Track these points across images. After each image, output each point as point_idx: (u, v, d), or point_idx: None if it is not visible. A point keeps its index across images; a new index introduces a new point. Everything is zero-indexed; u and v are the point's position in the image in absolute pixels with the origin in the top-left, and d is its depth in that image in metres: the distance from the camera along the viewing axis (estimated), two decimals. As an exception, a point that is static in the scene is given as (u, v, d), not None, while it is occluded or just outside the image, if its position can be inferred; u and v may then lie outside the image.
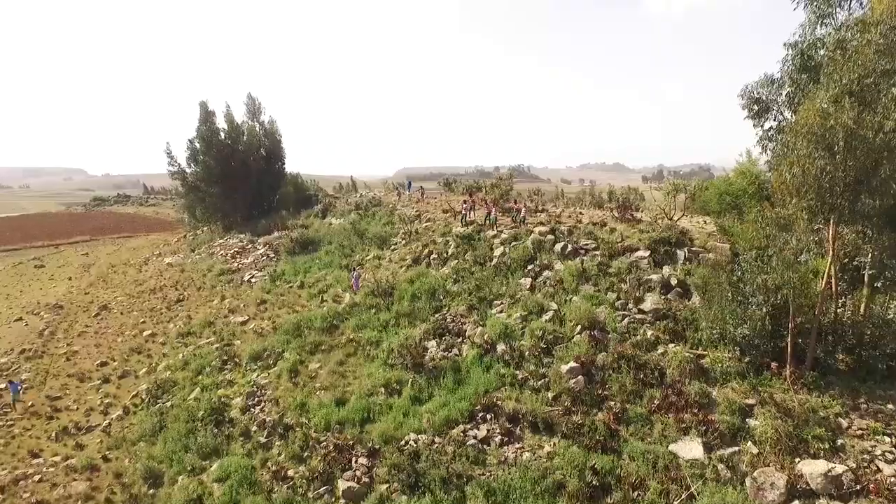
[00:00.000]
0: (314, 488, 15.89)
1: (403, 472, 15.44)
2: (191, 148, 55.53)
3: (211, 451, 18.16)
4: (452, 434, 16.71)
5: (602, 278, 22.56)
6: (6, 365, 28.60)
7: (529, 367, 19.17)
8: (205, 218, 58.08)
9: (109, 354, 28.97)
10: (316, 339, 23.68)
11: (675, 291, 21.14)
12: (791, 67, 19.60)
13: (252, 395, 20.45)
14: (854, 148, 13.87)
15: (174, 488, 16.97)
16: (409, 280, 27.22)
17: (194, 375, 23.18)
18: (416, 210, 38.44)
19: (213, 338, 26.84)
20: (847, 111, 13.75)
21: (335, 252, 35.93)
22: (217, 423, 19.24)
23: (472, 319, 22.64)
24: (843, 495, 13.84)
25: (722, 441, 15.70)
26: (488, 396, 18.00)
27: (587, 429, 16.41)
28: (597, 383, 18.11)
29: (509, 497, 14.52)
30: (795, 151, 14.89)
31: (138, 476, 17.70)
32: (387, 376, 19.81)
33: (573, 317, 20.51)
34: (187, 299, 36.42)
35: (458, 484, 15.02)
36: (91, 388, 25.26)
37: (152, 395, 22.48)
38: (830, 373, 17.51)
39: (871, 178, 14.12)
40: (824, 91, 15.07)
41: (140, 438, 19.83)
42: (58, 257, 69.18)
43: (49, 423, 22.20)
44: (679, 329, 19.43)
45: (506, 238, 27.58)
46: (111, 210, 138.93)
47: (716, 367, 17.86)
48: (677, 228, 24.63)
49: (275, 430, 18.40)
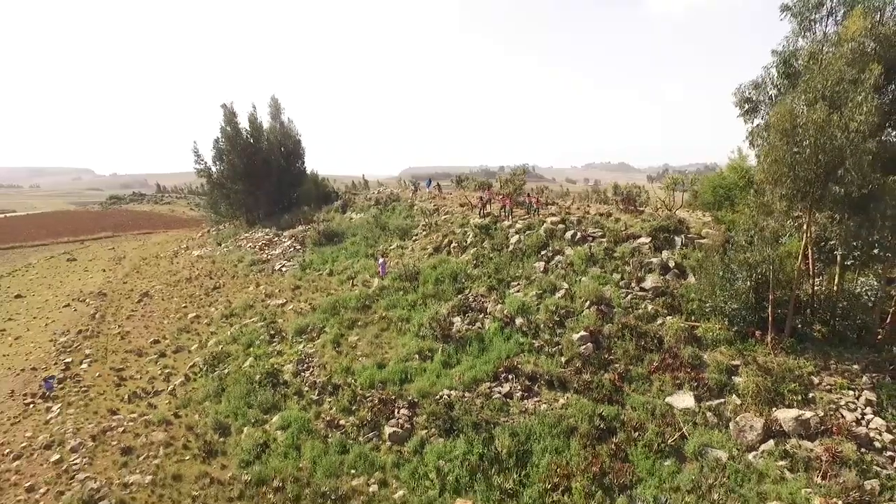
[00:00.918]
0: (364, 433, 18.78)
1: (440, 420, 18.29)
2: (216, 147, 58.67)
3: (270, 406, 21.07)
4: (480, 390, 19.55)
5: (608, 261, 25.35)
6: (68, 343, 31.60)
7: (545, 336, 21.97)
8: (229, 213, 61.18)
9: (159, 334, 31.94)
10: (352, 317, 26.56)
11: (673, 272, 23.89)
12: (774, 72, 22.22)
13: (301, 362, 23.36)
14: (823, 144, 16.58)
15: (241, 436, 19.87)
16: (432, 266, 30.04)
17: (245, 348, 26.10)
18: (434, 204, 41.31)
19: (257, 318, 29.78)
20: (818, 112, 16.48)
21: (360, 243, 38.84)
22: (273, 385, 22.15)
23: (492, 298, 25.45)
24: (811, 435, 16.61)
25: (710, 394, 18.49)
26: (509, 361, 20.81)
27: (595, 385, 19.22)
28: (603, 349, 20.90)
29: (530, 438, 17.33)
30: (772, 146, 17.61)
31: (209, 427, 20.59)
32: (419, 345, 22.66)
33: (582, 294, 23.30)
34: (223, 287, 39.39)
35: (487, 428, 17.85)
36: (149, 361, 28.19)
37: (209, 364, 25.37)
38: (807, 340, 20.26)
39: (837, 170, 16.82)
40: (801, 94, 17.80)
41: (204, 399, 22.73)
42: (86, 252, 72.19)
43: (118, 389, 25.14)
44: (675, 304, 22.20)
45: (520, 227, 30.40)
46: (127, 208, 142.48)
47: (707, 335, 20.66)
48: (676, 218, 27.37)
49: (324, 389, 21.30)
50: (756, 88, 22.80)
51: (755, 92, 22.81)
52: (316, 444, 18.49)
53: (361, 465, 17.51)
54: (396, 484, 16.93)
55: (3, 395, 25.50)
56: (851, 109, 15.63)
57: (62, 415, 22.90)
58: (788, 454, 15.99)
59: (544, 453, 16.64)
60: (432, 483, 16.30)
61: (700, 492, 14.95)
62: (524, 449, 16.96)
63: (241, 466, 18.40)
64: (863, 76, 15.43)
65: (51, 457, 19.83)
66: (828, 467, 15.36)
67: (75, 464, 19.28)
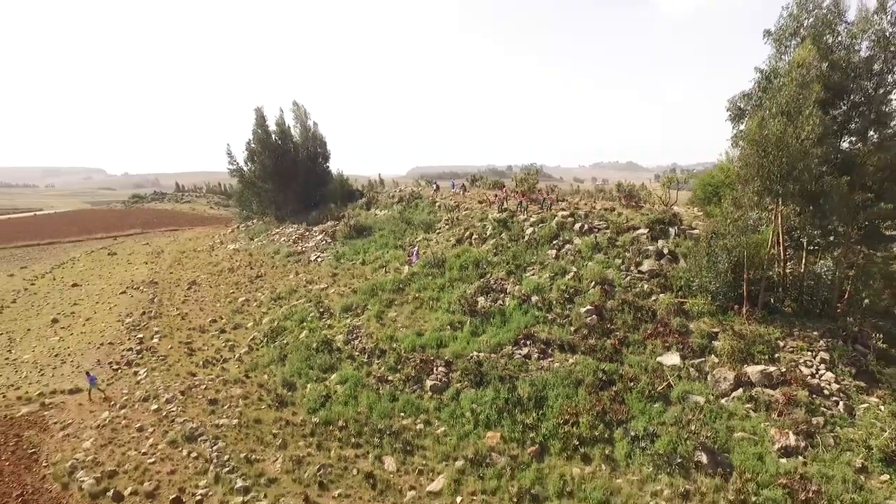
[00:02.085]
0: (409, 386, 22.98)
1: (471, 374, 22.45)
2: (248, 148, 63.24)
3: (328, 367, 25.32)
4: (503, 352, 23.69)
5: (611, 249, 29.40)
6: (135, 323, 36.06)
7: (556, 310, 26.06)
8: (260, 210, 65.71)
9: (215, 314, 36.30)
10: (389, 297, 30.78)
11: (666, 258, 27.90)
12: (757, 87, 25.97)
13: (350, 333, 27.58)
14: (782, 150, 20.53)
15: (306, 390, 24.11)
16: (456, 255, 34.16)
17: (298, 323, 30.37)
18: (454, 201, 45.47)
19: (303, 299, 34.07)
20: (777, 125, 20.44)
21: (388, 236, 43.07)
22: (328, 351, 26.38)
23: (511, 281, 29.55)
24: (773, 384, 20.61)
25: (693, 354, 22.52)
26: (527, 330, 24.90)
27: (599, 348, 23.29)
28: (606, 320, 24.95)
29: (546, 387, 21.44)
30: (744, 152, 21.58)
31: (278, 384, 24.85)
32: (450, 319, 26.82)
33: (588, 276, 27.36)
34: (265, 276, 43.75)
35: (510, 380, 21.98)
36: (211, 336, 32.52)
37: (268, 336, 29.66)
38: (778, 313, 24.24)
39: (794, 170, 20.74)
40: (767, 110, 21.75)
41: (269, 363, 26.99)
42: (122, 247, 76.85)
43: (191, 358, 29.46)
44: (667, 283, 26.23)
45: (534, 221, 34.48)
46: (150, 207, 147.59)
47: (693, 308, 24.69)
48: (671, 212, 31.34)
49: (373, 353, 25.52)
50: (746, 99, 26.57)
51: (745, 101, 26.55)
52: (370, 394, 22.72)
53: (409, 409, 21.72)
54: (438, 423, 21.12)
55: (92, 363, 29.90)
56: (801, 122, 19.54)
57: (150, 377, 27.28)
58: (753, 398, 20.01)
59: (557, 398, 20.76)
60: (468, 420, 20.47)
61: (681, 425, 18.96)
62: (541, 395, 21.09)
63: (310, 412, 22.66)
64: (809, 95, 19.33)
65: (150, 407, 24.19)
66: (784, 408, 19.36)
67: (172, 411, 23.64)
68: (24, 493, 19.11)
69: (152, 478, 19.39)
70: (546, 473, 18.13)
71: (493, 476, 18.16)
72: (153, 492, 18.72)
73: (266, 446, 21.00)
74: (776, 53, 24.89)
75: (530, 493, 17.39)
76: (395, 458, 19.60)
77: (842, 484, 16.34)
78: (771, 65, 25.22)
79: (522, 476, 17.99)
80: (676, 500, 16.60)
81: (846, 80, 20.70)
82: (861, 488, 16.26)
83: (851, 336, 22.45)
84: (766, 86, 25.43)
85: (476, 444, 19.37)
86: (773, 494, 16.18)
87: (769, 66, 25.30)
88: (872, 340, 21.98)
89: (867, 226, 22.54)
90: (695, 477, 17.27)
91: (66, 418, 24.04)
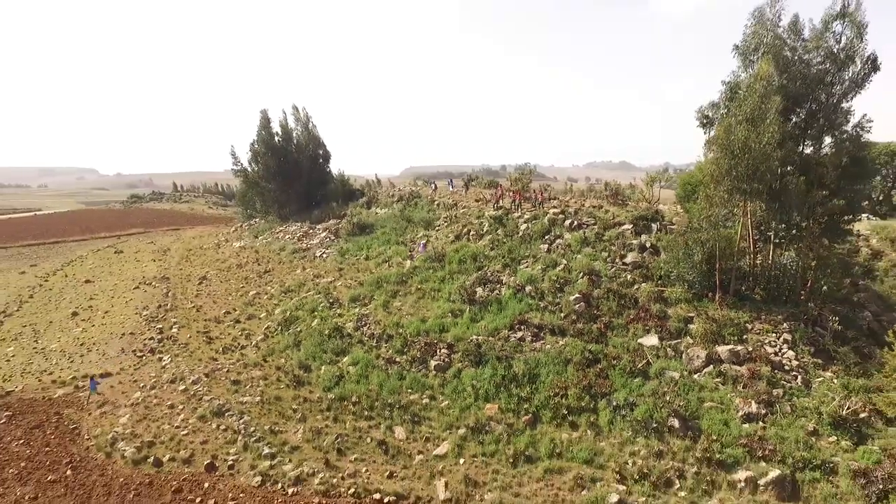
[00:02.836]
0: (415, 366, 25.43)
1: (471, 355, 24.91)
2: (252, 150, 65.50)
3: (340, 351, 27.71)
4: (500, 335, 26.15)
5: (598, 243, 31.93)
6: (152, 315, 38.27)
7: (548, 299, 28.55)
8: (264, 209, 68.00)
9: (229, 307, 38.60)
10: (393, 289, 33.19)
11: (649, 251, 30.46)
12: (724, 97, 28.32)
13: (359, 320, 29.98)
14: (746, 153, 23.09)
15: (320, 372, 26.50)
16: (455, 250, 36.60)
17: (310, 313, 32.72)
18: (452, 200, 47.93)
19: (313, 291, 36.43)
20: (741, 131, 23.00)
21: (390, 233, 45.47)
22: (339, 337, 28.77)
23: (506, 273, 32.02)
24: (740, 361, 23.15)
25: (671, 336, 25.05)
26: (521, 316, 27.35)
27: (586, 332, 25.79)
28: (593, 307, 27.45)
29: (538, 365, 23.92)
30: (714, 155, 24.14)
31: (294, 366, 27.20)
32: (451, 307, 29.26)
33: (577, 267, 29.86)
34: (273, 271, 46.05)
35: (507, 359, 24.45)
36: (227, 326, 34.81)
37: (282, 325, 32.01)
38: (748, 300, 26.81)
39: (758, 171, 23.30)
40: (734, 117, 24.29)
41: (285, 349, 29.35)
42: (127, 245, 78.77)
43: (210, 345, 31.74)
44: (649, 274, 28.78)
45: (528, 218, 36.99)
46: (148, 206, 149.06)
47: (671, 296, 27.22)
48: (653, 209, 33.93)
49: (381, 338, 27.94)
50: (714, 108, 29.09)
51: (712, 110, 29.10)
52: (379, 373, 25.15)
53: (415, 386, 24.16)
54: (442, 397, 23.58)
55: (117, 351, 32.17)
56: (763, 129, 22.11)
57: (174, 362, 29.57)
58: (722, 374, 22.58)
59: (548, 375, 23.26)
60: (468, 394, 22.94)
61: (657, 396, 21.47)
62: (534, 372, 23.58)
63: (325, 390, 25.05)
64: (770, 105, 21.91)
65: (178, 388, 26.52)
66: (748, 381, 21.93)
67: (199, 391, 25.96)
68: (73, 461, 21.44)
69: (187, 447, 21.75)
70: (538, 438, 20.61)
71: (492, 441, 20.63)
72: (189, 458, 21.07)
73: (287, 420, 23.39)
74: (741, 66, 27.19)
75: (524, 454, 19.87)
76: (405, 427, 22.05)
77: (794, 444, 18.94)
78: (734, 78, 27.48)
79: (517, 441, 20.46)
80: (651, 458, 19.12)
81: (803, 91, 23.28)
82: (811, 447, 18.86)
83: (812, 319, 25.05)
84: (731, 96, 27.66)
85: (476, 415, 21.84)
86: (735, 452, 18.78)
87: (733, 79, 27.57)
88: (830, 323, 24.58)
89: (827, 221, 25.04)
90: (668, 440, 19.82)
91: (101, 398, 26.31)
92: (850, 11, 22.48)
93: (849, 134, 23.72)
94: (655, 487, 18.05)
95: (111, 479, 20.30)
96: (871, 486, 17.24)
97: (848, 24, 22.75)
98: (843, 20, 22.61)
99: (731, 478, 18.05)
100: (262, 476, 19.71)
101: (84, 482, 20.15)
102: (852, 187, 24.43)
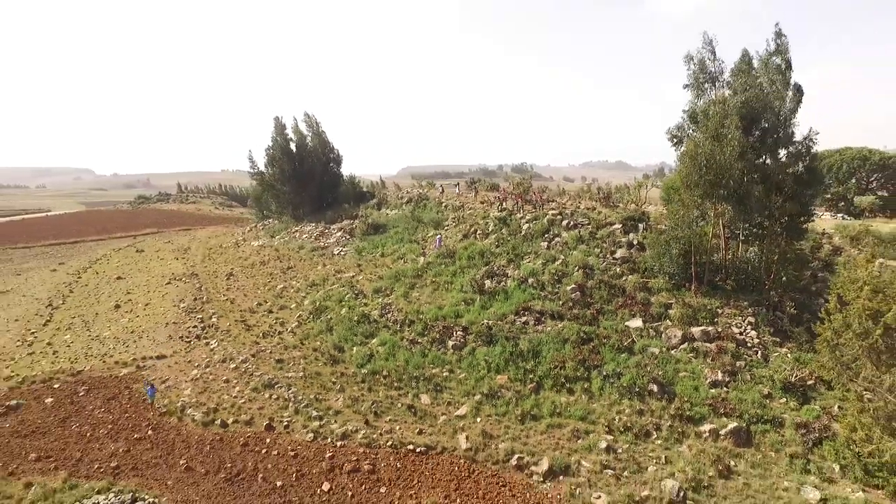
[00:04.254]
0: (435, 346, 29.70)
1: (483, 336, 29.20)
2: (268, 154, 69.75)
3: (368, 334, 31.96)
4: (507, 320, 30.45)
5: (591, 241, 36.27)
6: (190, 307, 42.41)
7: (548, 289, 32.87)
8: (279, 210, 72.24)
9: (260, 299, 42.75)
10: (411, 282, 37.46)
11: (636, 248, 34.81)
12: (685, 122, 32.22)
13: (384, 308, 34.24)
14: (712, 165, 27.44)
15: (353, 352, 30.74)
16: (464, 247, 40.88)
17: (338, 303, 36.97)
18: (459, 202, 52.25)
19: (337, 284, 40.66)
20: (707, 146, 27.37)
21: (402, 232, 49.75)
22: (367, 322, 33.04)
23: (511, 267, 36.33)
24: (710, 340, 27.47)
25: (653, 319, 29.37)
26: (525, 304, 31.65)
27: (581, 316, 30.08)
28: (587, 296, 31.78)
29: (540, 343, 28.22)
30: (685, 165, 28.52)
31: (329, 347, 31.45)
32: (463, 297, 33.55)
33: (573, 262, 34.20)
34: (295, 267, 50.24)
35: (514, 339, 28.74)
36: (261, 316, 38.99)
37: (313, 314, 36.22)
38: (719, 289, 31.14)
39: (722, 179, 27.65)
40: (701, 133, 28.63)
41: (319, 334, 33.58)
42: (145, 245, 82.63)
43: (249, 332, 35.92)
44: (635, 267, 33.13)
45: (529, 218, 41.31)
46: (156, 207, 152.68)
47: (654, 286, 31.55)
48: (640, 210, 38.31)
49: (404, 323, 32.20)
50: (679, 129, 33.07)
51: (678, 131, 33.07)
52: (405, 352, 29.42)
53: (436, 361, 28.43)
54: (459, 371, 27.86)
55: (165, 337, 36.30)
56: (725, 144, 26.52)
57: (221, 345, 33.73)
58: (695, 349, 26.91)
59: (549, 351, 27.57)
60: (482, 368, 27.24)
61: (640, 367, 25.78)
62: (537, 349, 27.89)
63: (358, 367, 29.29)
64: (730, 122, 26.38)
65: (229, 366, 30.69)
66: (716, 355, 26.27)
67: (248, 368, 30.15)
68: (151, 424, 25.62)
69: (246, 412, 25.95)
70: (541, 402, 24.91)
71: (503, 404, 24.92)
72: (249, 420, 25.26)
73: (328, 391, 27.63)
74: (694, 98, 30.81)
75: (530, 414, 24.19)
76: (429, 395, 26.32)
77: (751, 404, 23.28)
78: (692, 106, 31.19)
79: (524, 403, 24.76)
80: (634, 415, 23.45)
81: (758, 111, 27.69)
82: (764, 407, 23.21)
83: (773, 305, 29.43)
84: (690, 122, 31.49)
85: (489, 384, 26.14)
86: (702, 410, 23.13)
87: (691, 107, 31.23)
88: (787, 308, 28.96)
89: (787, 221, 29.45)
90: (648, 401, 24.14)
91: (162, 376, 30.48)
92: (783, 49, 27.37)
93: (800, 146, 28.15)
94: (637, 437, 22.38)
95: (187, 436, 24.50)
96: (810, 435, 21.64)
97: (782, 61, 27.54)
98: (779, 56, 27.40)
99: (697, 429, 22.41)
100: (314, 433, 23.93)
101: (165, 439, 24.35)
102: (805, 192, 28.84)
